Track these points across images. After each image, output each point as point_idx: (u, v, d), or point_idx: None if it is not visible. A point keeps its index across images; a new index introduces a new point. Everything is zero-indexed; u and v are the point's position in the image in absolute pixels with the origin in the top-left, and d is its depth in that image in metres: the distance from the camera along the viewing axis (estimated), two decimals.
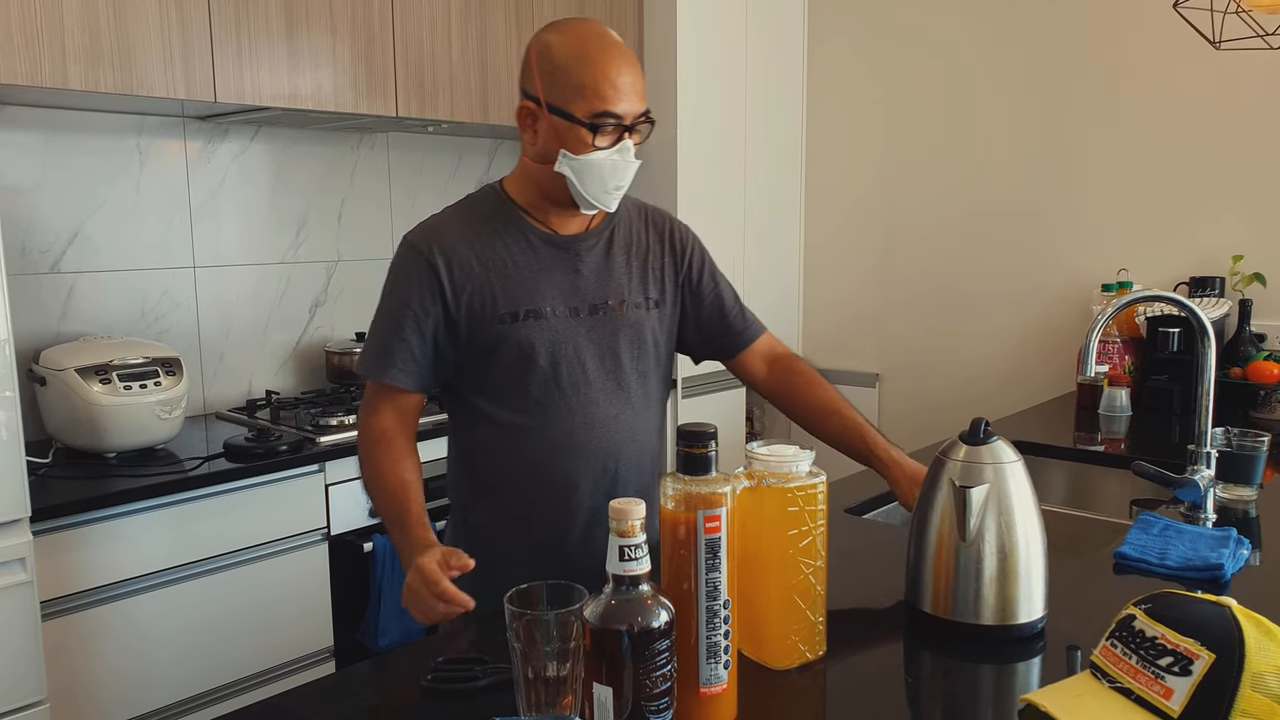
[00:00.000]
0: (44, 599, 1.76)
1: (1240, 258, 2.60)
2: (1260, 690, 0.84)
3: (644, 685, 0.85)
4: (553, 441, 1.40)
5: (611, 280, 1.44)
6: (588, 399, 1.41)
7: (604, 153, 1.33)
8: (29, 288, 2.25)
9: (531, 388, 1.39)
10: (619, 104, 1.31)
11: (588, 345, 1.41)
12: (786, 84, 3.38)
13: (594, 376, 1.41)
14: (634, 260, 1.48)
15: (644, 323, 1.46)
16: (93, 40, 1.95)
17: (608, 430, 1.42)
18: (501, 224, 1.41)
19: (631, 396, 1.45)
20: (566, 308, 1.40)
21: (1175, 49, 2.65)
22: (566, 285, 1.41)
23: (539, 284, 1.39)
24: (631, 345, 1.45)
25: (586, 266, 1.43)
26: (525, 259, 1.40)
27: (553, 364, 1.39)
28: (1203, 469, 1.57)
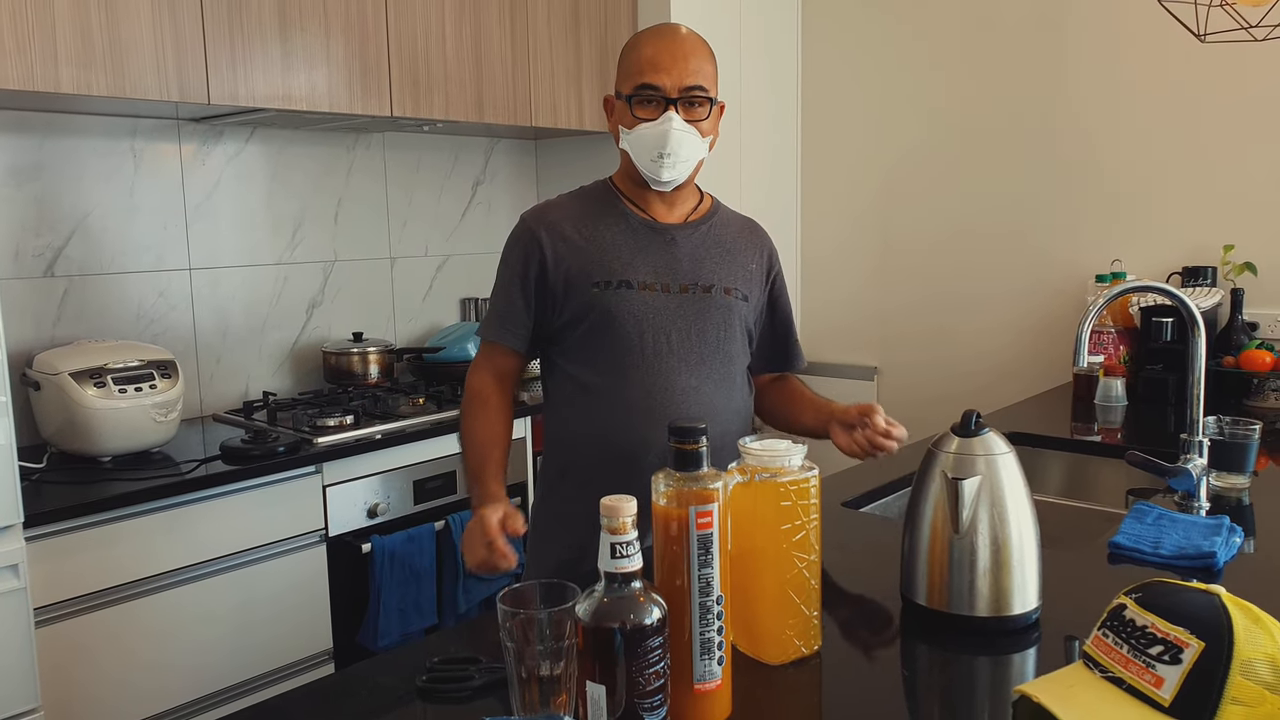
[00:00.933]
0: (37, 605, 1.76)
1: (1231, 247, 2.61)
2: (1250, 677, 0.84)
3: (637, 682, 0.85)
4: (631, 402, 1.48)
5: (705, 265, 1.54)
6: (669, 367, 1.49)
7: (647, 124, 1.45)
8: (23, 291, 2.25)
9: (616, 351, 1.49)
10: (656, 77, 1.44)
11: (675, 319, 1.50)
12: (782, 80, 3.38)
13: (678, 348, 1.50)
14: (728, 255, 1.57)
15: (733, 309, 1.55)
16: (85, 43, 1.95)
17: (686, 400, 1.49)
18: (605, 208, 1.55)
19: (714, 373, 1.52)
20: (659, 283, 1.51)
21: (1165, 41, 2.65)
22: (660, 264, 1.52)
23: (633, 259, 1.51)
24: (719, 327, 1.53)
25: (681, 250, 1.54)
26: (623, 238, 1.52)
27: (639, 331, 1.48)
28: (1195, 458, 1.58)
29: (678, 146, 1.45)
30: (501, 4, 2.69)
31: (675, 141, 1.45)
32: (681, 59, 1.45)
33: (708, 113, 1.48)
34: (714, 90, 1.49)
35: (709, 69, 1.48)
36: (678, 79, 1.44)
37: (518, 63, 2.74)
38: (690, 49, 1.46)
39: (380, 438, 2.27)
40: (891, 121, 3.27)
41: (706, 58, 1.48)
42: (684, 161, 1.48)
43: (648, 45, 1.47)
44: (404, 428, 2.33)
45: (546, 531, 1.59)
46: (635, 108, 1.46)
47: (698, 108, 1.47)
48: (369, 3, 2.41)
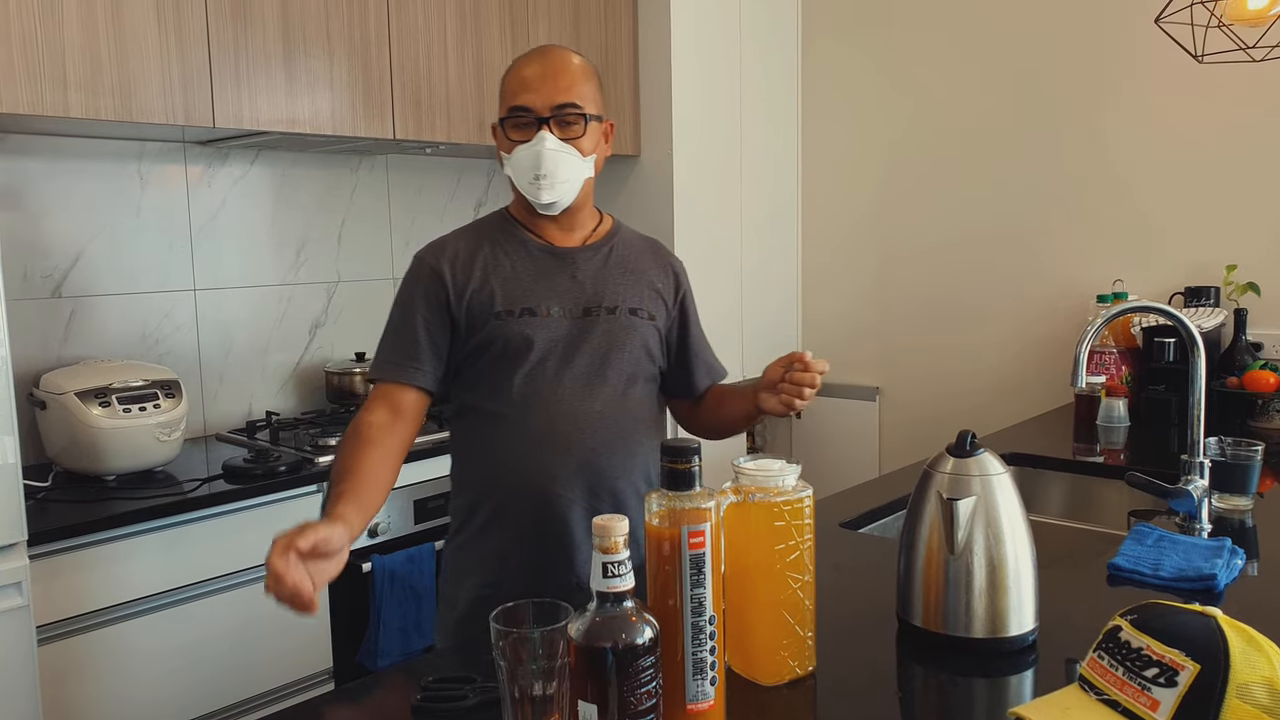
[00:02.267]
0: (40, 623, 1.77)
1: (1234, 267, 2.61)
2: (1246, 700, 0.84)
3: (629, 702, 0.85)
4: (536, 432, 1.44)
5: (609, 286, 1.51)
6: (574, 394, 1.45)
7: (522, 146, 1.42)
8: (30, 312, 2.27)
9: (520, 380, 1.45)
10: (526, 97, 1.42)
11: (580, 344, 1.46)
12: (781, 99, 3.40)
13: (582, 373, 1.46)
14: (631, 274, 1.54)
15: (638, 329, 1.51)
16: (93, 69, 1.98)
17: (592, 426, 1.45)
18: (504, 238, 1.52)
19: (621, 398, 1.49)
20: (561, 308, 1.47)
21: (1164, 62, 2.66)
22: (562, 289, 1.48)
23: (535, 286, 1.47)
24: (624, 349, 1.49)
25: (583, 273, 1.50)
26: (524, 266, 1.49)
27: (542, 359, 1.45)
28: (1196, 479, 1.57)
29: (554, 167, 1.42)
30: (503, 27, 2.72)
31: (550, 162, 1.41)
32: (551, 77, 1.42)
33: (584, 130, 1.44)
34: (592, 107, 1.45)
35: (584, 86, 1.44)
36: (548, 97, 1.41)
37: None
38: (560, 67, 1.43)
39: None
40: (893, 139, 3.28)
41: (581, 75, 1.45)
42: (563, 182, 1.44)
43: (520, 68, 1.45)
44: None
45: (459, 568, 1.52)
46: (510, 130, 1.44)
47: (572, 126, 1.43)
48: (372, 26, 2.44)
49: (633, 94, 3.07)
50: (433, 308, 1.47)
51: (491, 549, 1.49)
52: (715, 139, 3.16)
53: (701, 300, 3.38)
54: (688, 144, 3.06)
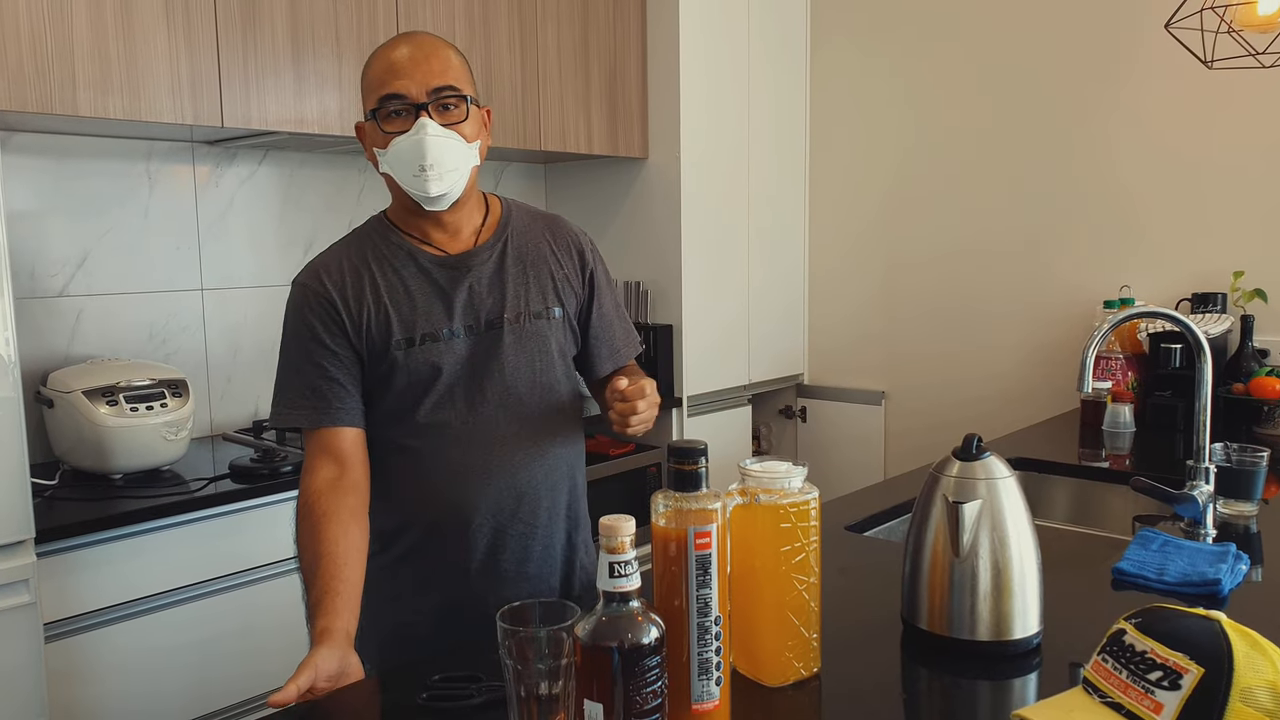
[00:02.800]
0: (47, 620, 1.78)
1: (1241, 274, 2.60)
2: (1250, 704, 0.84)
3: (635, 702, 0.86)
4: (451, 463, 1.37)
5: (507, 294, 1.40)
6: (487, 418, 1.37)
7: (401, 136, 1.30)
8: (38, 311, 2.28)
9: (428, 410, 1.37)
10: (399, 84, 1.29)
11: (488, 363, 1.38)
12: (790, 102, 3.41)
13: (492, 395, 1.38)
14: (530, 269, 1.42)
15: (545, 334, 1.42)
16: (102, 68, 1.99)
17: (507, 448, 1.39)
18: (390, 252, 1.38)
19: (536, 411, 1.41)
20: (462, 326, 1.37)
21: (1174, 67, 2.66)
22: (461, 304, 1.38)
23: (432, 307, 1.37)
24: (533, 358, 1.41)
25: (480, 282, 1.39)
26: (418, 284, 1.37)
27: (450, 385, 1.36)
28: (1201, 484, 1.57)
29: (440, 155, 1.29)
30: (511, 28, 2.73)
31: (436, 150, 1.29)
32: (423, 60, 1.30)
33: (465, 114, 1.32)
34: (469, 89, 1.34)
35: (458, 68, 1.33)
36: (423, 80, 1.29)
37: (527, 87, 2.78)
38: (432, 49, 1.32)
39: None
40: (900, 144, 3.28)
41: (454, 57, 1.34)
42: (451, 171, 1.31)
43: (387, 54, 1.32)
44: None
45: (378, 594, 1.36)
46: (384, 122, 1.30)
47: (453, 110, 1.32)
48: (380, 27, 2.45)
49: (641, 97, 3.08)
50: (334, 337, 1.35)
51: (411, 581, 1.41)
52: (723, 143, 3.17)
53: (708, 302, 3.39)
54: (695, 148, 3.06)
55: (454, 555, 1.40)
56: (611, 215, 3.21)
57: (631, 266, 3.15)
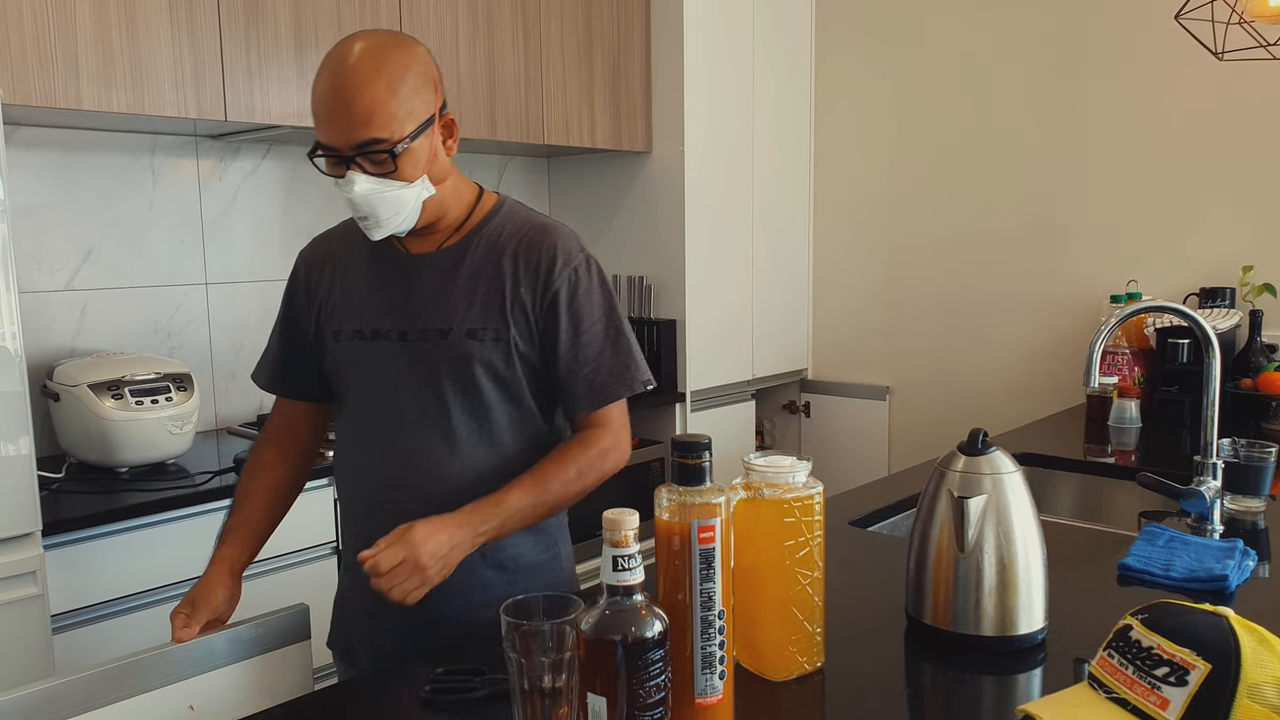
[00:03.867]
0: (55, 612, 1.78)
1: (1250, 268, 2.59)
2: (1257, 700, 0.84)
3: (638, 695, 0.86)
4: (359, 465, 1.36)
5: (446, 304, 1.30)
6: (394, 430, 1.31)
7: (338, 182, 1.23)
8: (43, 305, 2.28)
9: (349, 408, 1.37)
10: (323, 133, 1.20)
11: (409, 372, 1.30)
12: (794, 96, 3.40)
13: (406, 407, 1.30)
14: (483, 284, 1.30)
15: (474, 354, 1.28)
16: (105, 61, 1.99)
17: (405, 463, 1.30)
18: (365, 239, 1.32)
19: (451, 432, 1.29)
20: (395, 330, 1.31)
21: (1182, 59, 2.65)
22: (397, 306, 1.31)
23: (370, 303, 1.33)
24: (456, 380, 1.29)
25: (424, 286, 1.31)
26: (370, 276, 1.34)
27: (368, 387, 1.33)
28: (1209, 480, 1.56)
29: (373, 208, 1.22)
30: (514, 22, 2.72)
31: (367, 205, 1.21)
32: (343, 113, 1.17)
33: (394, 165, 1.19)
34: (404, 127, 1.19)
35: (387, 108, 1.17)
36: (345, 134, 1.18)
37: (530, 80, 2.77)
38: (355, 91, 1.16)
39: None
40: (905, 137, 3.27)
41: (382, 96, 1.17)
42: (391, 217, 1.23)
43: (316, 87, 1.20)
44: None
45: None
46: (326, 164, 1.23)
47: (383, 162, 1.19)
48: (383, 21, 2.44)
49: (644, 91, 3.07)
50: (296, 312, 1.41)
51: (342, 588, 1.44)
52: (726, 137, 3.16)
53: (712, 297, 3.39)
54: (699, 141, 3.05)
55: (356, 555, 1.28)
56: (615, 209, 3.20)
57: (635, 261, 3.15)
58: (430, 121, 1.23)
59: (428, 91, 1.23)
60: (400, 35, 1.26)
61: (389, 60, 1.19)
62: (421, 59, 1.24)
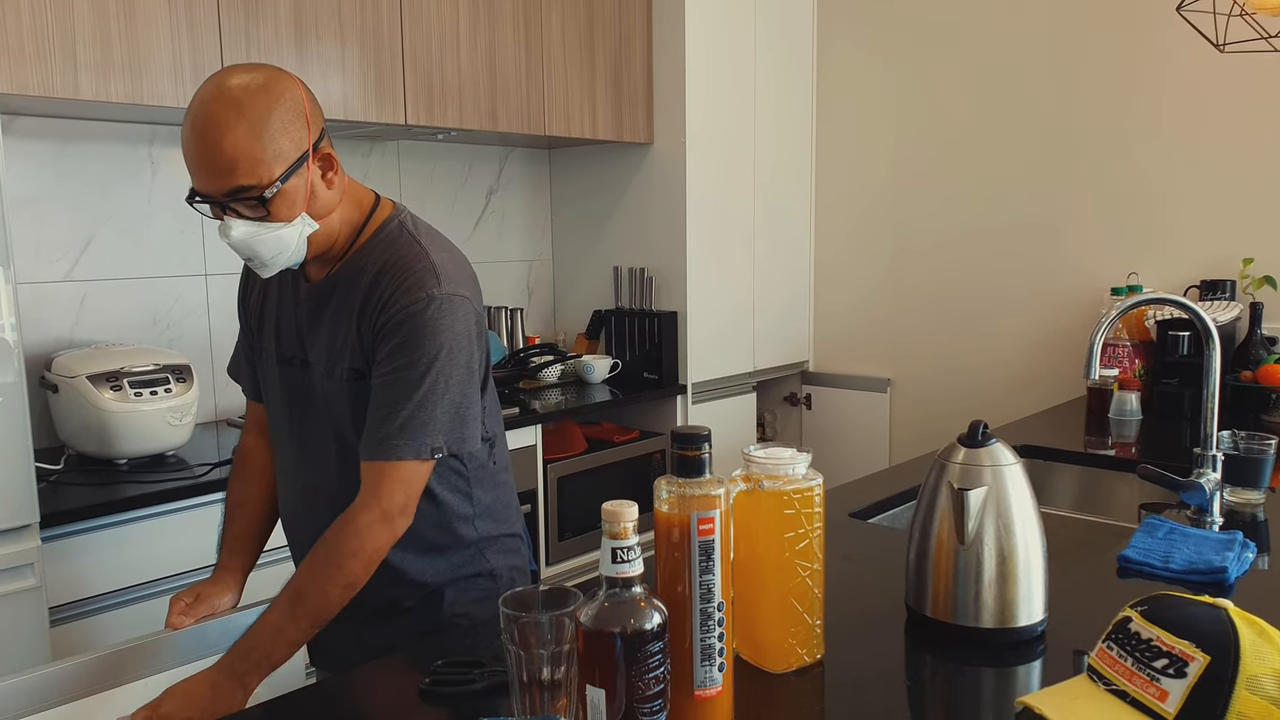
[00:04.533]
0: (53, 605, 1.78)
1: (1250, 260, 2.59)
2: (1256, 692, 0.84)
3: (637, 687, 0.85)
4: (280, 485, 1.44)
5: (311, 336, 1.31)
6: (293, 455, 1.37)
7: (219, 225, 1.22)
8: (42, 296, 2.28)
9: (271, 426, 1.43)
10: (197, 181, 1.18)
11: (295, 400, 1.34)
12: (796, 87, 3.39)
13: (298, 435, 1.35)
14: (336, 319, 1.28)
15: (335, 394, 1.28)
16: (104, 50, 1.98)
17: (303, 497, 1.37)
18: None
19: (330, 471, 1.31)
20: (285, 355, 1.35)
21: (1184, 51, 2.64)
22: (284, 330, 1.35)
23: (274, 323, 1.37)
24: (324, 415, 1.30)
25: (301, 314, 1.32)
26: (280, 300, 1.37)
27: (273, 411, 1.41)
28: (1209, 472, 1.56)
29: (254, 250, 1.20)
30: (515, 13, 2.71)
31: (247, 248, 1.20)
32: (208, 159, 1.14)
33: (266, 209, 1.17)
34: (271, 171, 1.15)
35: (250, 155, 1.14)
36: (213, 183, 1.16)
37: (531, 72, 2.76)
38: (215, 139, 1.13)
39: None
40: (907, 130, 3.26)
41: (244, 144, 1.13)
42: (275, 257, 1.22)
43: (183, 133, 1.17)
44: None
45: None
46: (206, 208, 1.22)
47: (256, 205, 1.17)
48: (384, 12, 2.43)
49: (645, 82, 3.06)
50: (246, 317, 1.45)
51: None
52: (728, 128, 3.15)
53: (713, 288, 3.39)
54: (700, 133, 3.05)
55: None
56: (616, 201, 3.19)
57: (636, 253, 3.14)
58: (303, 159, 1.19)
59: (297, 129, 1.18)
60: (268, 70, 1.20)
61: (252, 103, 1.15)
62: (289, 96, 1.18)
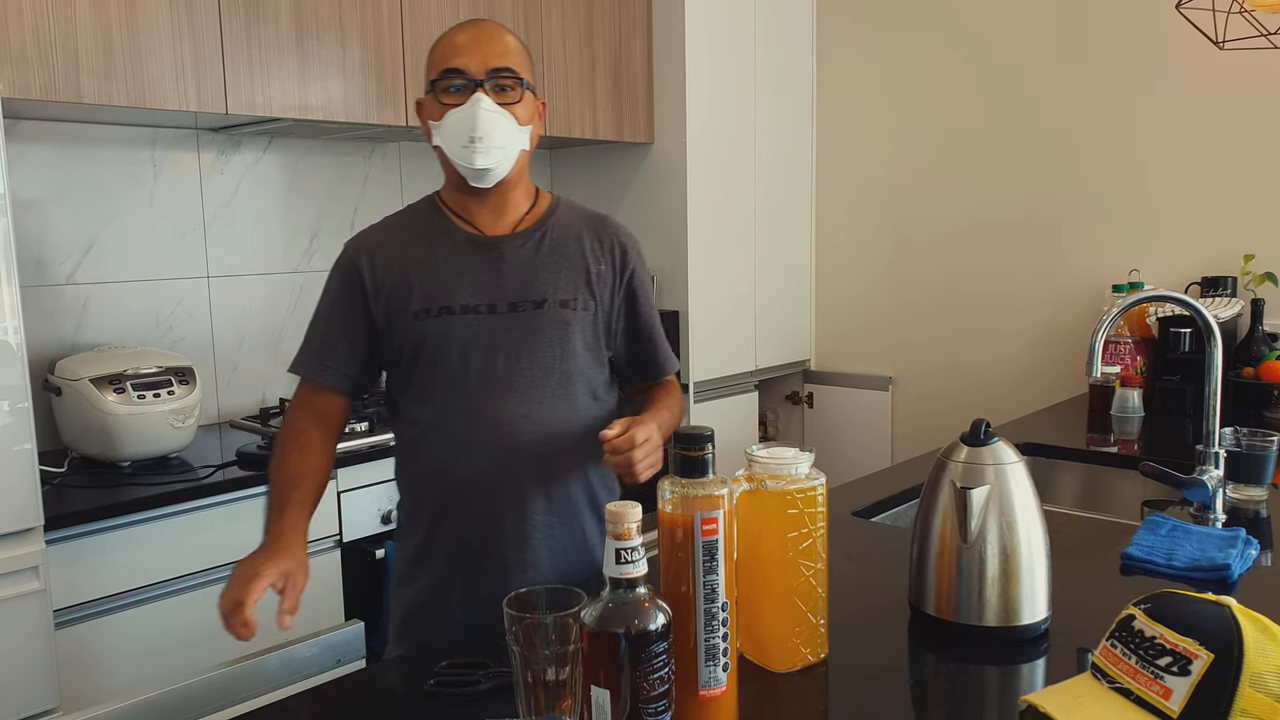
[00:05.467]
0: (57, 607, 1.78)
1: (1251, 257, 2.58)
2: (1260, 690, 0.84)
3: (642, 688, 0.86)
4: (458, 438, 1.40)
5: (538, 277, 1.42)
6: (497, 396, 1.39)
7: (455, 110, 1.36)
8: (45, 299, 2.28)
9: (441, 384, 1.40)
10: (460, 60, 1.36)
11: (503, 342, 1.39)
12: (796, 86, 3.39)
13: (504, 373, 1.39)
14: (565, 261, 1.44)
15: (570, 323, 1.42)
16: (105, 54, 1.98)
17: (514, 429, 1.39)
18: (429, 227, 1.45)
19: (549, 396, 1.41)
20: (484, 304, 1.40)
21: (1184, 48, 2.64)
22: (485, 282, 1.41)
23: (456, 281, 1.40)
24: (553, 344, 1.41)
25: (509, 265, 1.42)
26: (446, 258, 1.42)
27: (463, 360, 1.39)
28: (1211, 469, 1.56)
29: (490, 129, 1.34)
30: (515, 13, 2.71)
31: (486, 124, 1.34)
32: (486, 41, 1.37)
33: (520, 96, 1.38)
34: (527, 75, 1.40)
35: (519, 55, 1.40)
36: (483, 60, 1.36)
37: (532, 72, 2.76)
38: (495, 33, 1.40)
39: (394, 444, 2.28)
40: (907, 127, 3.26)
41: (515, 44, 1.41)
42: (499, 148, 1.36)
43: (452, 35, 1.40)
44: None
45: (402, 574, 1.49)
46: (441, 95, 1.37)
47: (509, 91, 1.37)
48: (385, 13, 2.43)
49: (646, 82, 3.06)
50: (350, 303, 1.42)
51: (429, 555, 1.44)
52: (728, 127, 3.15)
53: (714, 288, 3.38)
54: (701, 132, 3.04)
55: (460, 538, 1.42)
56: (617, 201, 3.19)
57: None
58: (533, 89, 1.42)
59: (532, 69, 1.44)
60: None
61: (520, 38, 1.43)
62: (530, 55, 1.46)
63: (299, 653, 1.22)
